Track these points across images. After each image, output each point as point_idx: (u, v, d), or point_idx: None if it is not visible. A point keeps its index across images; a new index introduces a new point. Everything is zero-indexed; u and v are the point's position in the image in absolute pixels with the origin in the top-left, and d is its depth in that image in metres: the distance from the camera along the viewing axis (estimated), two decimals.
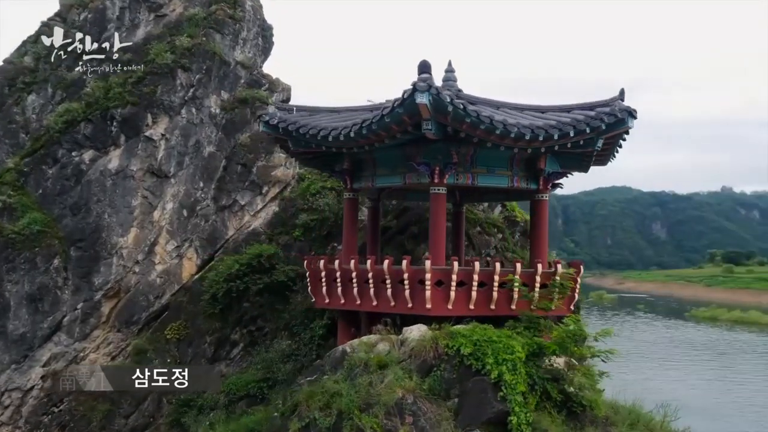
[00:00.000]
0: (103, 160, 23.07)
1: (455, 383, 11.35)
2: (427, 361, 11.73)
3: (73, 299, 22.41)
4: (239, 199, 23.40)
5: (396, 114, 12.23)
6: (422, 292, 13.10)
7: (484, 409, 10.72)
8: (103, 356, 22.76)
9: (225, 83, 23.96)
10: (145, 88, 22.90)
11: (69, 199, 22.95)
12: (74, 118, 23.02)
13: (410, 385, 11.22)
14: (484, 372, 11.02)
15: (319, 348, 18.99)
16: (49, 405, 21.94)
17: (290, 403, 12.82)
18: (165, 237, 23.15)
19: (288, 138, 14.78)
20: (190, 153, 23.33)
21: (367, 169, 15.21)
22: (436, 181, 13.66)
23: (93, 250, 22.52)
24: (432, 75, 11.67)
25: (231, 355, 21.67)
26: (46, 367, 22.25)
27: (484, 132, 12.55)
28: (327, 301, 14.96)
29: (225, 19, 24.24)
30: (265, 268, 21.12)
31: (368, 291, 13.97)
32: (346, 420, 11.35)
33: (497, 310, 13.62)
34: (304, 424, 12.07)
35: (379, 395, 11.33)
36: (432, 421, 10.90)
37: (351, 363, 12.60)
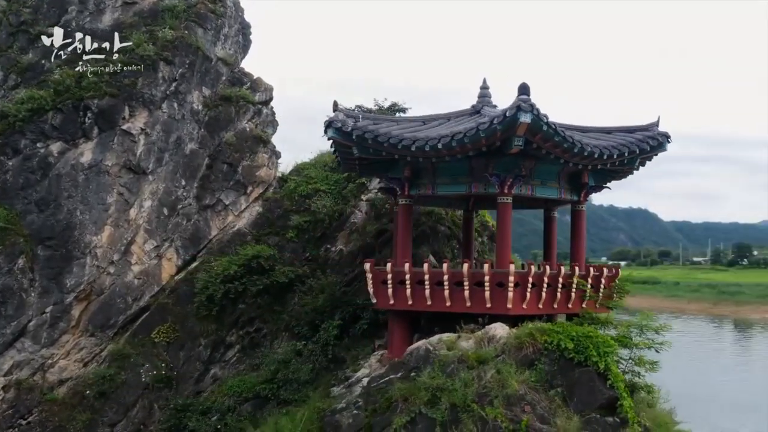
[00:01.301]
0: (72, 153, 21.39)
1: (557, 374, 12.46)
2: (528, 356, 12.74)
3: (40, 302, 20.59)
4: (223, 198, 22.75)
5: (492, 129, 13.10)
6: (503, 293, 14.11)
7: (596, 396, 11.96)
8: (74, 363, 21.11)
9: (206, 79, 23.13)
10: (126, 80, 21.55)
11: (34, 193, 21.02)
12: (41, 107, 21.09)
13: (523, 377, 12.22)
14: (588, 364, 12.29)
15: (334, 348, 19.28)
16: (16, 417, 20.02)
17: (383, 400, 13.24)
18: (143, 236, 21.94)
19: (355, 145, 15.04)
20: (170, 149, 22.29)
21: (426, 177, 15.77)
22: (506, 191, 14.63)
23: (64, 249, 20.83)
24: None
25: (225, 357, 21.08)
26: (8, 376, 20.28)
27: (563, 150, 13.82)
28: (392, 302, 15.34)
29: (207, 13, 23.37)
30: (263, 269, 20.89)
31: (442, 293, 14.73)
32: (463, 412, 12.05)
33: (559, 308, 15.00)
34: (410, 418, 12.57)
35: (493, 388, 12.22)
36: (547, 409, 11.97)
37: (443, 360, 13.26)
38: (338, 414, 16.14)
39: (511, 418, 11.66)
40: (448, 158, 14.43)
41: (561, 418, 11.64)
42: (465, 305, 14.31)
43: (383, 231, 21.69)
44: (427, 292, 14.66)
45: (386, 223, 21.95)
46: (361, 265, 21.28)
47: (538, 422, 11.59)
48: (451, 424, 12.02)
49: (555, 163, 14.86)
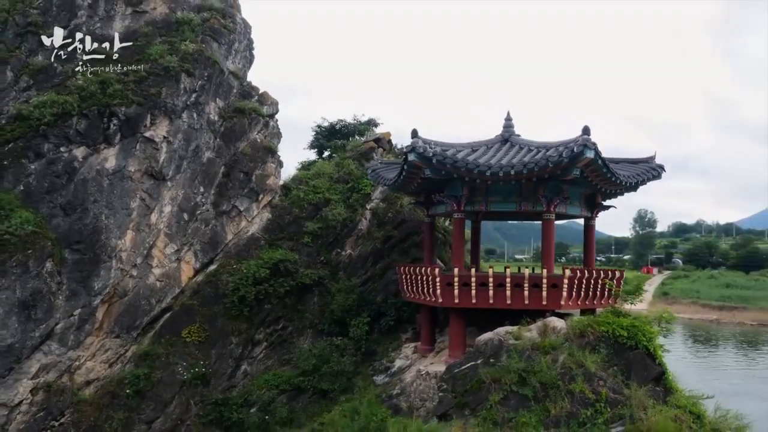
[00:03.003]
0: (96, 158, 21.32)
1: (614, 356, 15.58)
2: (589, 342, 15.72)
3: (68, 305, 20.45)
4: (238, 204, 23.67)
5: (559, 161, 15.96)
6: (557, 293, 17.02)
7: (649, 372, 15.23)
8: (100, 364, 21.16)
9: (220, 91, 23.86)
10: (152, 89, 21.84)
11: (59, 197, 20.75)
12: (66, 112, 20.83)
13: (593, 359, 15.27)
14: (639, 347, 15.56)
15: (365, 342, 21.32)
16: (48, 419, 19.80)
17: (474, 382, 15.67)
18: (163, 240, 22.35)
19: (429, 166, 17.14)
20: (188, 157, 22.84)
21: (480, 196, 18.19)
22: (551, 209, 17.64)
23: (92, 252, 20.82)
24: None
25: (253, 354, 22.16)
26: (36, 379, 19.99)
27: (604, 179, 17.12)
28: (457, 301, 17.72)
29: (221, 28, 24.09)
30: (288, 272, 22.29)
31: (503, 292, 17.33)
32: (551, 389, 14.86)
33: (589, 304, 18.26)
34: (503, 395, 15.18)
35: (571, 368, 15.15)
36: (614, 383, 15.14)
37: (518, 347, 15.94)
38: (395, 398, 18.52)
39: (591, 391, 14.74)
40: (503, 182, 17.24)
41: (627, 389, 14.92)
42: (523, 303, 17.20)
43: (390, 237, 24.02)
44: (491, 292, 17.37)
45: (390, 230, 24.29)
46: (373, 268, 23.71)
47: (611, 393, 14.79)
48: (540, 399, 14.86)
49: (582, 186, 18.23)
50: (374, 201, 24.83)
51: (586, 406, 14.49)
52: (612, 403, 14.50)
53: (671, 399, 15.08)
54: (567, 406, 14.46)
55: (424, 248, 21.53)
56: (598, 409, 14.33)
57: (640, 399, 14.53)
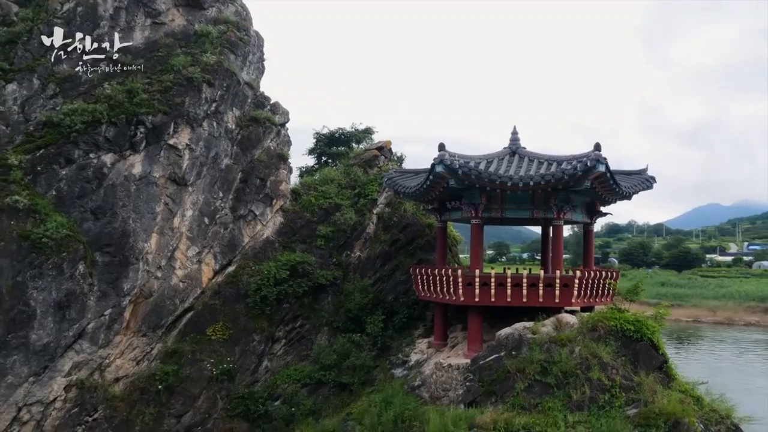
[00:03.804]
0: (123, 164, 21.98)
1: (622, 347, 17.45)
2: (600, 335, 17.53)
3: (98, 305, 21.09)
4: (254, 209, 24.63)
5: (574, 173, 17.72)
6: (569, 292, 18.80)
7: (654, 361, 17.11)
8: (128, 361, 21.87)
9: (236, 101, 24.76)
10: (176, 99, 22.62)
11: (90, 202, 21.35)
12: (96, 119, 21.43)
13: (606, 350, 17.09)
14: (644, 339, 17.45)
15: (382, 338, 22.71)
16: (82, 415, 20.45)
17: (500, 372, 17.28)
18: (185, 243, 23.15)
19: (454, 177, 18.62)
20: (208, 164, 23.68)
21: (496, 203, 19.73)
22: (561, 217, 19.42)
23: (122, 255, 21.50)
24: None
25: (273, 350, 23.21)
26: (68, 377, 20.60)
27: (610, 190, 19.04)
28: (477, 299, 19.26)
29: (237, 41, 25.00)
30: (306, 273, 23.46)
31: (520, 291, 18.99)
32: (571, 377, 16.64)
33: (591, 302, 20.11)
34: (527, 384, 16.88)
35: (587, 358, 16.94)
36: (623, 371, 16.99)
37: (537, 341, 17.67)
38: (417, 389, 20.00)
39: (607, 378, 16.58)
40: (521, 191, 18.99)
41: (636, 376, 16.85)
42: (538, 300, 18.95)
43: (396, 240, 25.50)
44: (509, 291, 19.06)
45: (396, 233, 25.76)
46: (382, 269, 25.16)
47: (623, 380, 16.68)
48: (562, 386, 16.63)
49: (585, 195, 20.14)
50: (380, 206, 26.23)
51: (603, 391, 16.36)
52: (625, 389, 16.41)
53: (674, 384, 17.14)
54: (587, 392, 16.31)
55: (437, 251, 23.08)
56: (614, 394, 16.21)
57: (650, 385, 16.50)
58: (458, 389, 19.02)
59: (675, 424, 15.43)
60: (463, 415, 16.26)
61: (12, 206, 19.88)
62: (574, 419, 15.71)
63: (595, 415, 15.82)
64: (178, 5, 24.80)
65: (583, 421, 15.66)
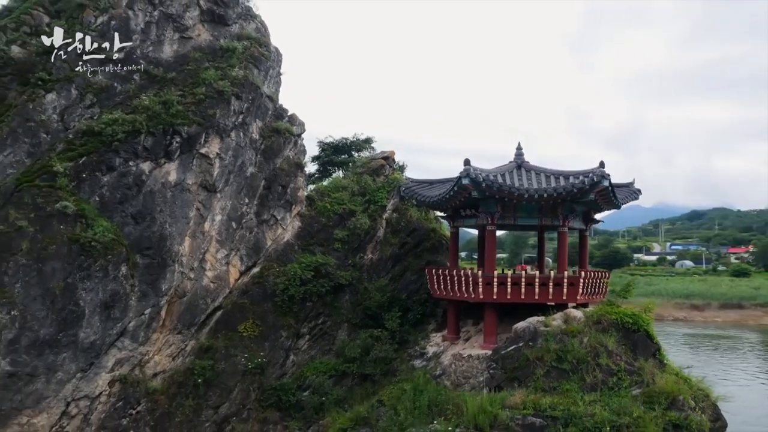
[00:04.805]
0: (159, 172, 23.18)
1: (622, 338, 20.06)
2: (604, 327, 20.02)
3: (139, 305, 22.28)
4: (276, 214, 26.13)
5: (582, 187, 20.16)
6: (575, 289, 21.22)
7: (649, 349, 19.72)
8: (165, 357, 23.12)
9: (259, 113, 26.19)
10: (209, 111, 23.97)
11: (130, 207, 22.49)
12: (137, 129, 22.56)
13: (610, 339, 19.61)
14: (640, 330, 20.05)
15: (399, 333, 24.72)
16: (126, 408, 21.62)
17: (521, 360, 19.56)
18: (215, 246, 24.50)
19: (477, 189, 20.75)
20: (235, 171, 25.07)
21: (509, 212, 21.98)
22: (566, 224, 21.92)
23: (160, 258, 22.74)
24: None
25: (298, 345, 24.84)
26: (112, 372, 21.74)
27: (608, 201, 21.68)
28: (495, 297, 21.49)
29: (260, 56, 26.46)
30: (327, 274, 25.21)
31: (532, 289, 21.34)
32: (582, 363, 19.10)
33: (588, 299, 22.67)
34: (546, 370, 19.25)
35: (596, 346, 19.43)
36: (626, 357, 19.56)
37: (551, 332, 20.05)
38: (439, 378, 22.19)
39: (613, 363, 19.16)
40: (535, 202, 21.41)
41: (636, 362, 19.50)
42: (548, 297, 21.43)
43: (405, 243, 27.60)
44: (523, 289, 21.45)
45: (405, 237, 27.83)
46: (393, 270, 27.24)
47: (627, 365, 19.29)
48: (576, 371, 19.10)
49: (584, 205, 22.76)
50: (388, 211, 28.22)
51: (611, 375, 18.92)
52: (629, 372, 19.01)
53: (667, 368, 19.89)
54: (599, 376, 18.82)
55: (450, 253, 25.33)
56: (620, 377, 18.78)
57: (649, 369, 19.18)
58: (479, 377, 21.31)
59: (673, 400, 18.14)
60: (495, 397, 18.47)
61: (61, 211, 20.90)
62: (589, 399, 18.16)
63: (606, 395, 18.33)
64: (203, 21, 26.10)
65: (598, 401, 18.10)
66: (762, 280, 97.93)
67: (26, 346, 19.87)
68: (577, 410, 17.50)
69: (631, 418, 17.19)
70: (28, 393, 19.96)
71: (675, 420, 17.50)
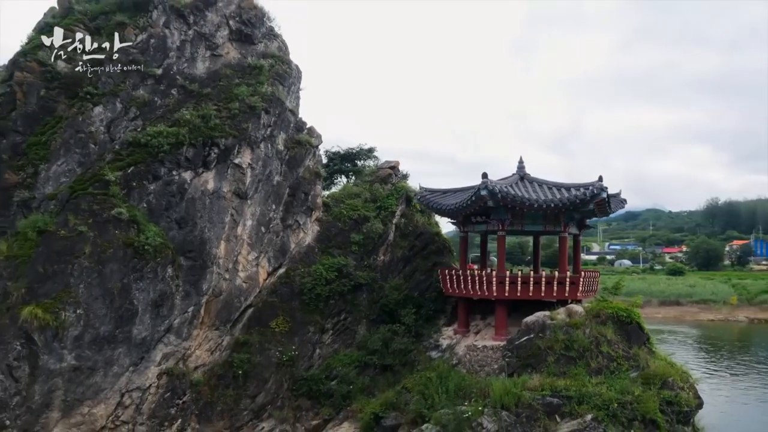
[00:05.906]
0: (198, 181, 24.95)
1: (618, 329, 23.02)
2: (602, 320, 22.95)
3: (183, 303, 24.03)
4: (298, 219, 28.18)
5: (584, 199, 23.08)
6: (576, 287, 24.13)
7: (641, 338, 22.73)
8: (205, 352, 24.90)
9: (283, 126, 28.18)
10: (243, 124, 25.87)
11: (174, 213, 24.20)
12: (180, 141, 24.28)
13: (609, 330, 22.57)
14: (633, 322, 23.06)
15: (414, 327, 27.18)
16: (174, 399, 23.35)
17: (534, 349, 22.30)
18: (246, 249, 26.39)
19: (493, 199, 23.36)
20: (263, 180, 27.03)
21: (517, 219, 24.75)
22: (566, 230, 24.83)
23: (201, 260, 24.52)
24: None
25: (323, 340, 26.97)
26: (160, 366, 23.44)
27: (603, 210, 24.70)
28: (507, 294, 24.21)
29: (284, 73, 28.44)
30: (348, 274, 27.45)
31: (539, 287, 24.10)
32: (586, 351, 22.00)
33: (582, 296, 25.63)
34: (555, 358, 22.08)
35: (597, 336, 22.36)
36: (622, 345, 22.55)
37: (558, 325, 22.88)
38: (455, 367, 24.79)
39: (613, 351, 22.16)
40: (542, 210, 24.24)
41: (631, 350, 22.55)
42: (552, 294, 24.31)
43: (413, 246, 30.09)
44: (531, 287, 24.26)
45: (413, 240, 30.33)
46: (404, 270, 29.70)
47: (623, 352, 22.33)
48: (582, 358, 22.00)
49: (580, 213, 25.78)
50: (397, 217, 30.66)
51: (611, 360, 21.91)
52: (626, 358, 22.04)
53: (656, 355, 23.05)
54: (602, 361, 21.79)
55: (460, 255, 27.98)
56: (619, 363, 21.79)
57: (642, 355, 22.25)
58: (493, 365, 24.00)
59: (665, 381, 21.23)
60: (517, 381, 21.15)
61: (116, 217, 22.52)
62: (596, 381, 21.05)
63: (609, 377, 21.27)
64: (232, 40, 27.95)
65: (603, 383, 21.00)
66: (696, 278, 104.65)
67: (89, 342, 21.46)
68: (587, 390, 20.34)
69: (633, 396, 20.16)
70: (89, 385, 21.55)
71: (668, 397, 20.58)
